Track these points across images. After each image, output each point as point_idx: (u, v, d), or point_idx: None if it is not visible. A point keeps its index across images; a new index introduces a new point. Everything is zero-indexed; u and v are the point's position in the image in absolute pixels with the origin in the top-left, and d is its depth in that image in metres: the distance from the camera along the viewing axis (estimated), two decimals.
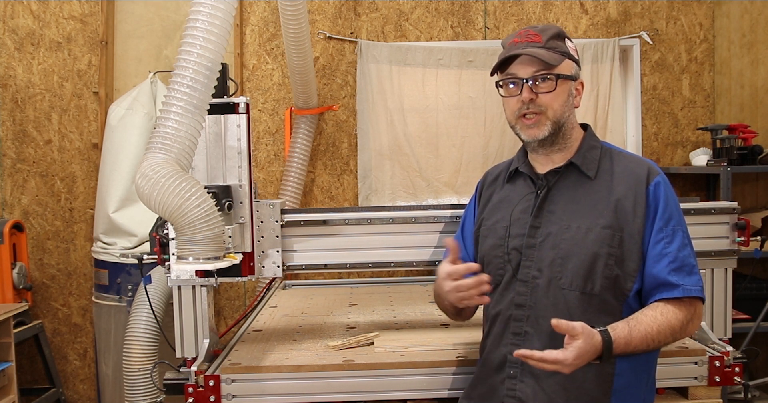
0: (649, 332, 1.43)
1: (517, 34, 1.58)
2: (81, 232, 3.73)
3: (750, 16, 3.54)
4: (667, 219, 1.51)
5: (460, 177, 3.72)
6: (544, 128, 1.54)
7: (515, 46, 1.55)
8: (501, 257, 1.59)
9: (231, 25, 1.72)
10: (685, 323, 1.49)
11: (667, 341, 1.48)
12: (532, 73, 1.53)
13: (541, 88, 1.53)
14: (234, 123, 1.87)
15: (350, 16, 3.74)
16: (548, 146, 1.58)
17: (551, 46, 1.54)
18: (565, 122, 1.57)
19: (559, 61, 1.53)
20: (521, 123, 1.57)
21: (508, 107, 1.59)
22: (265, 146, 3.76)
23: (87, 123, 3.71)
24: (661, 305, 1.48)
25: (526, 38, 1.55)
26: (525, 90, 1.53)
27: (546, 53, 1.52)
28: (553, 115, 1.54)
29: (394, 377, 1.79)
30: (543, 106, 1.53)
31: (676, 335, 1.48)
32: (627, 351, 1.42)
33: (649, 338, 1.43)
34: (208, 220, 1.58)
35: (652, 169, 1.55)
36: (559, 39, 1.57)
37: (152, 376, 2.64)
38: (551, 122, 1.54)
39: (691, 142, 3.83)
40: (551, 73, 1.52)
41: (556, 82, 1.53)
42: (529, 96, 1.53)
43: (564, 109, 1.56)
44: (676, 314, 1.47)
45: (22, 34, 3.68)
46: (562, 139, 1.58)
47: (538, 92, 1.53)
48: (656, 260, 1.49)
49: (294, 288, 3.16)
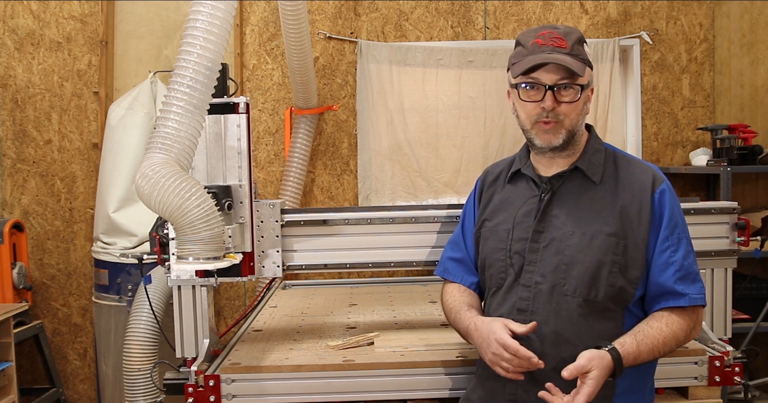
0: (655, 344, 1.45)
1: (539, 35, 1.51)
2: (81, 232, 3.73)
3: (750, 16, 3.54)
4: (673, 228, 1.51)
5: (460, 177, 3.72)
6: (560, 136, 1.51)
7: (539, 48, 1.50)
8: (503, 261, 1.58)
9: (231, 25, 1.72)
10: (689, 332, 1.51)
11: (672, 350, 1.50)
12: (557, 81, 1.48)
13: (564, 97, 1.49)
14: (234, 123, 1.87)
15: (350, 16, 3.74)
16: (558, 152, 1.56)
17: (576, 52, 1.50)
18: (578, 130, 1.56)
19: (583, 70, 1.50)
20: (538, 128, 1.52)
21: (524, 111, 1.54)
22: (265, 146, 3.76)
23: (87, 123, 3.71)
24: (666, 316, 1.49)
25: (551, 42, 1.49)
26: (548, 98, 1.48)
27: (573, 62, 1.48)
28: (570, 125, 1.51)
29: (394, 377, 1.79)
30: (563, 114, 1.50)
31: (680, 344, 1.51)
32: (635, 364, 1.44)
33: (655, 350, 1.45)
34: (208, 220, 1.58)
35: (657, 176, 1.55)
36: (581, 44, 1.52)
37: (152, 376, 2.64)
38: (567, 131, 1.51)
39: (691, 142, 3.83)
40: (575, 83, 1.49)
41: (580, 93, 1.50)
42: (552, 105, 1.49)
43: (580, 119, 1.54)
44: (680, 324, 1.48)
45: (22, 34, 3.68)
46: (571, 145, 1.56)
47: (560, 101, 1.49)
48: (662, 269, 1.49)
49: (294, 288, 3.15)
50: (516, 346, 1.42)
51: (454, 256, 1.76)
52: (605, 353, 1.39)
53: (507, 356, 1.43)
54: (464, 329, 1.60)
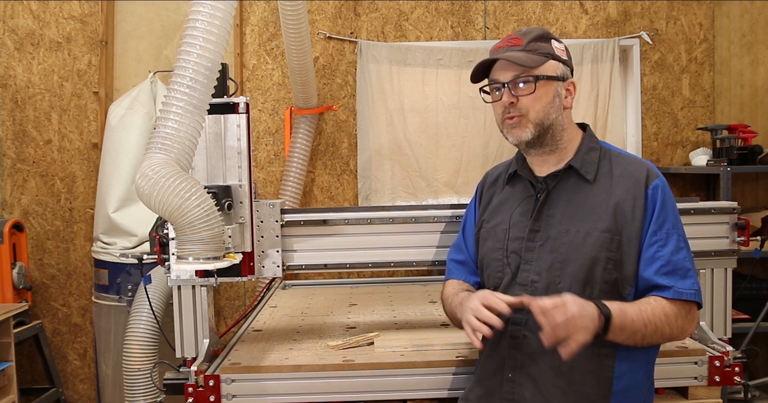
0: (643, 310, 1.42)
1: (501, 40, 1.59)
2: (81, 232, 3.73)
3: (750, 16, 3.54)
4: (662, 222, 1.50)
5: (460, 177, 3.72)
6: (527, 130, 1.54)
7: (495, 52, 1.57)
8: (500, 260, 1.59)
9: (231, 25, 1.72)
10: (680, 318, 1.47)
11: (663, 329, 1.45)
12: (512, 77, 1.53)
13: (521, 91, 1.53)
14: (234, 123, 1.87)
15: (350, 16, 3.74)
16: (537, 148, 1.57)
17: (531, 48, 1.54)
18: (552, 124, 1.55)
19: (539, 62, 1.53)
20: (506, 125, 1.58)
21: (495, 112, 1.61)
22: (265, 146, 3.76)
23: (87, 123, 3.71)
24: (653, 297, 1.48)
25: (507, 43, 1.56)
26: (505, 94, 1.54)
27: (523, 55, 1.52)
28: (536, 117, 1.53)
29: (394, 377, 1.79)
30: (524, 108, 1.53)
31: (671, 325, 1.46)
32: (626, 321, 1.39)
33: (644, 315, 1.42)
34: (208, 220, 1.58)
35: (651, 172, 1.54)
36: (543, 40, 1.56)
37: (152, 376, 2.64)
38: (533, 124, 1.53)
39: (691, 142, 3.83)
40: (530, 75, 1.52)
41: (535, 84, 1.52)
42: (509, 100, 1.53)
43: (548, 111, 1.54)
44: (670, 307, 1.46)
45: (22, 34, 3.68)
46: (551, 140, 1.57)
47: (518, 95, 1.53)
48: (648, 263, 1.49)
49: (294, 288, 3.15)
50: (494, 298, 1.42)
51: (457, 258, 1.78)
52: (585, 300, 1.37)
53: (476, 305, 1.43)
54: (458, 302, 1.61)
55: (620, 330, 1.39)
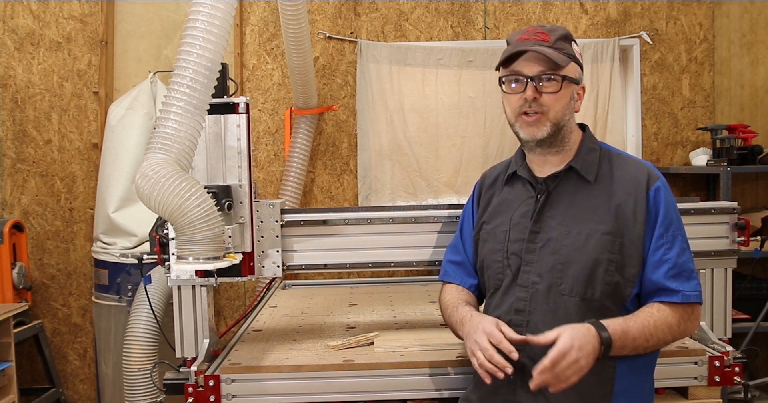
0: (646, 325, 1.44)
1: (524, 32, 1.54)
2: (81, 232, 3.73)
3: (750, 16, 3.54)
4: (668, 225, 1.51)
5: (460, 177, 3.72)
6: (544, 128, 1.52)
7: (522, 43, 1.52)
8: (500, 262, 1.59)
9: (231, 25, 1.72)
10: (682, 323, 1.49)
11: (666, 338, 1.48)
12: (538, 72, 1.50)
13: (546, 88, 1.51)
14: (234, 123, 1.87)
15: (350, 16, 3.74)
16: (546, 147, 1.56)
17: (559, 46, 1.52)
18: (565, 125, 1.55)
19: (566, 62, 1.52)
20: (521, 121, 1.54)
21: (509, 104, 1.56)
22: (265, 146, 3.76)
23: (87, 123, 3.71)
24: (656, 305, 1.49)
25: (534, 36, 1.52)
26: (529, 88, 1.50)
27: (554, 53, 1.50)
28: (554, 117, 1.52)
29: (394, 377, 1.79)
30: (546, 106, 1.51)
31: (674, 333, 1.49)
32: (627, 341, 1.41)
33: (647, 331, 1.43)
34: (208, 220, 1.58)
35: (652, 174, 1.55)
36: (567, 41, 1.55)
37: (152, 376, 2.64)
38: (551, 123, 1.52)
39: (691, 142, 3.83)
40: (557, 73, 1.50)
41: (561, 83, 1.51)
42: (533, 95, 1.50)
43: (565, 112, 1.54)
44: (673, 315, 1.48)
45: (22, 34, 3.68)
46: (560, 141, 1.57)
47: (542, 92, 1.51)
48: (656, 266, 1.49)
49: (294, 288, 3.15)
50: (500, 337, 1.42)
51: (454, 259, 1.78)
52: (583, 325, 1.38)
53: (486, 344, 1.42)
54: (459, 319, 1.60)
55: (620, 350, 1.42)
